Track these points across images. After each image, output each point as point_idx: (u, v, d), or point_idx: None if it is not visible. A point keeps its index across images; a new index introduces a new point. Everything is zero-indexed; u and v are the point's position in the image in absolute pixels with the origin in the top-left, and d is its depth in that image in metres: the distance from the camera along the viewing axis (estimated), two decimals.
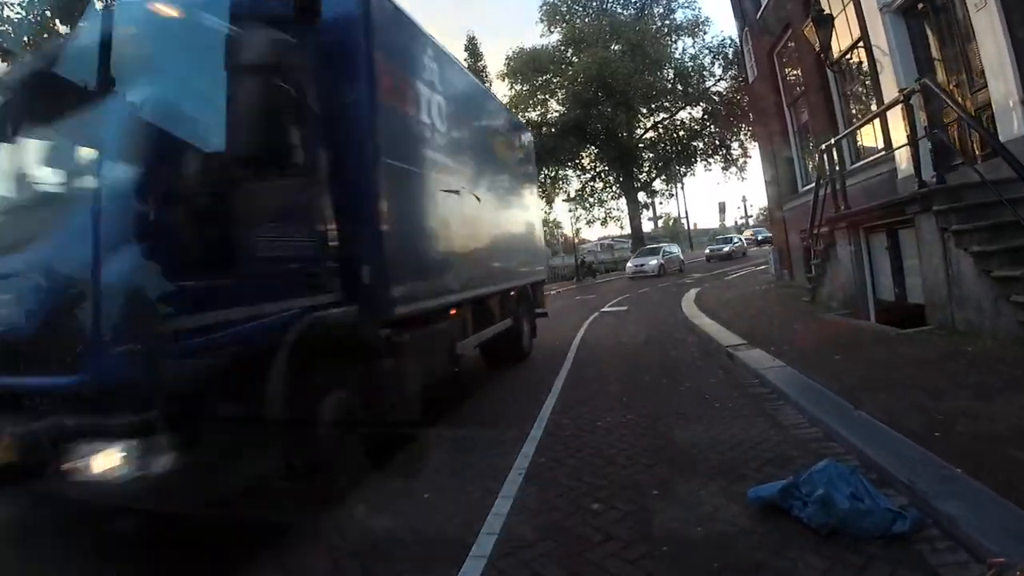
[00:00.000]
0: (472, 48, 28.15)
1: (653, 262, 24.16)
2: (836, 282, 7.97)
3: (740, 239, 35.64)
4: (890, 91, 7.47)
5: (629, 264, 25.61)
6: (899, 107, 7.14)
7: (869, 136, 9.13)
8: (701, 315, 9.23)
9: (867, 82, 9.01)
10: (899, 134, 7.35)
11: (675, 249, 27.59)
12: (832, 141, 7.80)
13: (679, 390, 5.03)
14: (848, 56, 9.02)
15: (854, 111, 9.64)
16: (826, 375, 4.57)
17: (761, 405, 4.35)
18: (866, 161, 8.85)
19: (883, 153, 8.31)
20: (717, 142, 31.21)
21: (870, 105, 8.95)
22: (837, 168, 7.75)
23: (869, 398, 3.84)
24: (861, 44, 8.49)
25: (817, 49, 8.34)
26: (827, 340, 6.02)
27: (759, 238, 34.72)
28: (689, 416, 4.25)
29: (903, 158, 7.30)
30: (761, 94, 13.65)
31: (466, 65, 27.24)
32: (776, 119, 12.76)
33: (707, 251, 33.35)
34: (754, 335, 6.79)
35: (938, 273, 5.57)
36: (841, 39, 9.11)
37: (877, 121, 8.32)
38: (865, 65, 8.66)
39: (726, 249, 31.40)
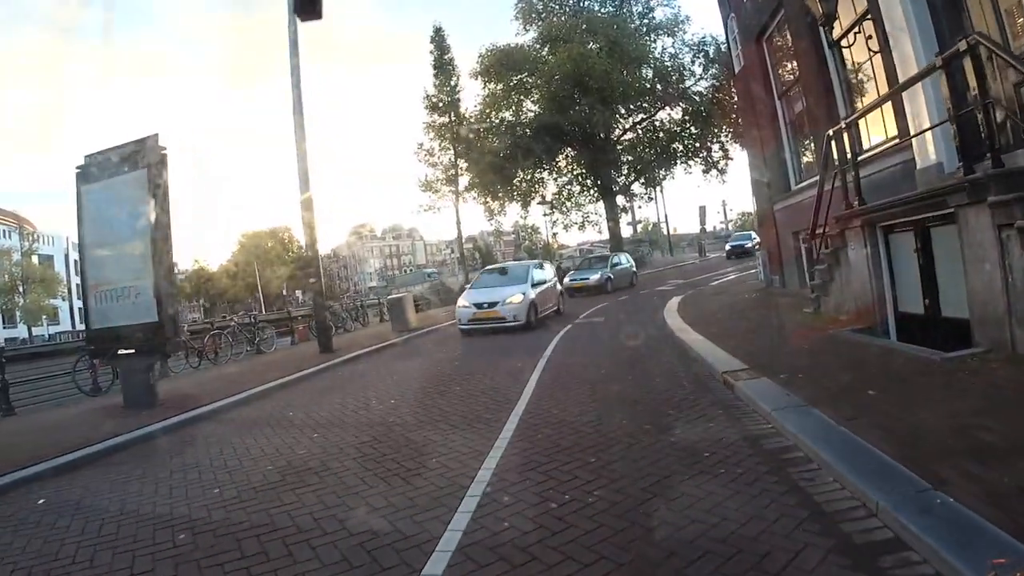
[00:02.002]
0: (438, 40, 26.42)
1: (596, 276, 19.51)
2: (846, 291, 6.78)
3: (754, 235, 35.09)
4: (907, 69, 6.33)
5: (567, 279, 19.66)
6: (918, 87, 6.07)
7: (876, 125, 7.99)
8: (688, 329, 7.98)
9: (874, 61, 7.91)
10: (919, 117, 6.24)
11: (625, 260, 22.75)
12: (843, 125, 6.61)
13: (666, 446, 3.70)
14: (853, 32, 7.87)
15: (859, 96, 8.50)
16: (869, 424, 3.30)
17: (786, 473, 3.06)
18: (874, 152, 7.70)
19: (896, 142, 7.18)
20: (697, 144, 30.25)
21: (879, 88, 7.84)
22: (848, 157, 6.54)
23: (951, 470, 2.58)
24: (869, 16, 7.35)
25: (820, 18, 7.16)
26: (849, 366, 4.77)
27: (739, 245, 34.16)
28: (685, 500, 2.92)
29: (924, 145, 6.19)
30: (748, 86, 12.54)
31: (432, 59, 26.08)
32: (765, 112, 11.65)
33: (727, 247, 35.31)
34: (755, 356, 5.54)
35: (992, 281, 4.36)
36: (843, 16, 8.00)
37: (887, 107, 7.24)
38: (874, 42, 7.53)
39: (748, 245, 31.93)
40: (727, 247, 35.54)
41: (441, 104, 20.33)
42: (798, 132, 11.00)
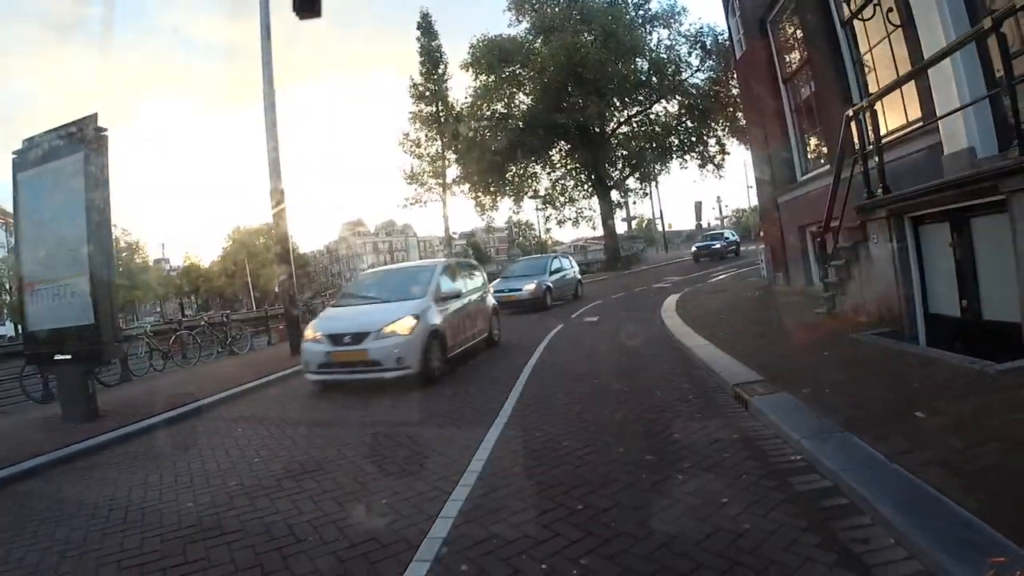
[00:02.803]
0: (425, 26, 25.33)
1: (530, 286, 14.21)
2: (867, 289, 6.09)
3: (732, 234, 32.78)
4: (933, 43, 5.65)
5: (494, 286, 12.57)
6: (946, 63, 5.39)
7: (894, 109, 7.30)
8: (690, 332, 7.28)
9: (892, 39, 7.22)
10: (948, 96, 5.57)
11: (569, 264, 17.30)
12: (864, 104, 5.90)
13: (672, 486, 2.98)
14: (872, 4, 7.17)
15: (875, 78, 7.80)
16: (930, 461, 2.61)
17: (830, 531, 2.35)
18: (893, 137, 7.00)
19: (918, 126, 6.50)
20: (694, 138, 29.58)
21: (898, 68, 7.15)
22: (871, 140, 5.84)
23: None
24: None
25: None
26: (884, 379, 4.07)
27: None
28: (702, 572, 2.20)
29: (954, 127, 5.52)
30: (751, 72, 11.84)
31: (419, 46, 25.11)
32: (769, 99, 10.94)
33: (693, 248, 30.38)
34: (769, 365, 4.85)
35: None
36: None
37: (907, 89, 6.55)
38: (895, 15, 6.83)
39: (717, 246, 28.61)
40: (693, 248, 30.81)
41: (428, 93, 19.46)
42: (805, 120, 10.31)
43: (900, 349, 4.90)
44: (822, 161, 9.47)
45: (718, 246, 28.75)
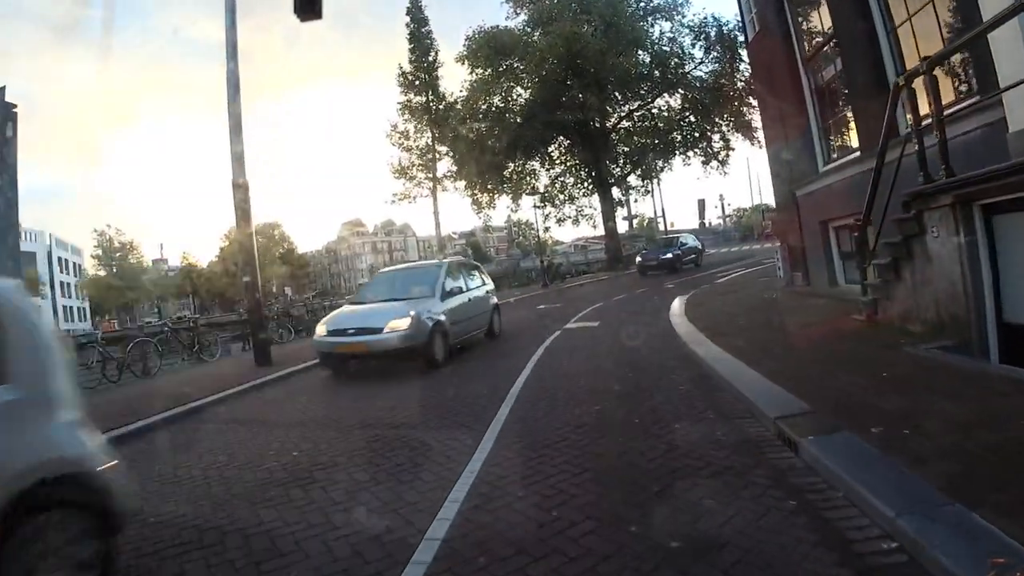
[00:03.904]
0: (415, 11, 23.90)
1: (401, 324, 6.92)
2: (922, 293, 5.09)
3: (692, 240, 25.62)
4: (992, 6, 4.70)
5: (333, 319, 7.81)
6: (1013, 23, 4.47)
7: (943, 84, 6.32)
8: (706, 341, 6.28)
9: (936, 3, 6.25)
10: (1017, 64, 4.61)
11: (479, 283, 9.55)
12: (922, 67, 4.87)
13: None
14: None
15: (911, 48, 6.81)
16: None
17: None
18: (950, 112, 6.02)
19: (974, 101, 5.52)
20: (697, 134, 28.56)
21: (943, 35, 6.18)
22: (932, 111, 4.82)
23: None
24: None
25: None
26: (981, 415, 3.07)
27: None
28: None
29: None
30: (765, 52, 10.85)
31: (408, 32, 23.89)
32: (786, 82, 9.95)
33: (638, 259, 23.25)
34: (813, 388, 3.86)
35: None
36: None
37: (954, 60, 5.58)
38: None
39: (669, 257, 22.00)
40: (638, 259, 23.53)
41: (418, 82, 18.36)
42: (828, 104, 9.32)
43: (981, 370, 3.91)
44: (850, 148, 8.48)
45: (670, 256, 22.08)
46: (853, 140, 8.44)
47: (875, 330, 5.52)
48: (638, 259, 23.27)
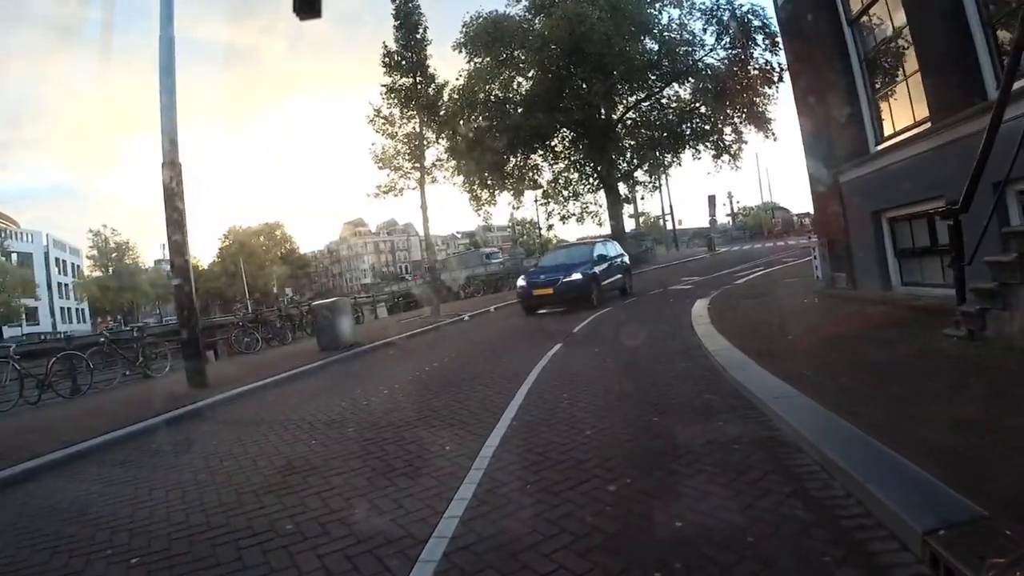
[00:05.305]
0: None
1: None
2: None
3: (614, 249, 14.65)
4: None
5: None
6: None
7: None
8: (752, 363, 4.78)
9: None
10: None
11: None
12: None
13: None
14: None
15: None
16: None
17: None
18: None
19: None
20: (707, 126, 26.98)
21: None
22: None
23: None
24: None
25: None
26: None
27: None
28: None
29: None
30: (800, 17, 9.33)
31: (394, 7, 21.87)
32: (827, 47, 8.44)
33: (520, 283, 13.47)
34: (966, 464, 2.37)
35: None
36: None
37: None
38: None
39: (574, 277, 12.08)
40: (520, 283, 13.46)
41: (404, 62, 16.86)
42: (881, 72, 7.81)
43: None
44: (915, 120, 6.95)
45: (577, 278, 12.06)
46: (917, 112, 6.94)
47: (985, 352, 4.02)
48: (520, 284, 13.56)
